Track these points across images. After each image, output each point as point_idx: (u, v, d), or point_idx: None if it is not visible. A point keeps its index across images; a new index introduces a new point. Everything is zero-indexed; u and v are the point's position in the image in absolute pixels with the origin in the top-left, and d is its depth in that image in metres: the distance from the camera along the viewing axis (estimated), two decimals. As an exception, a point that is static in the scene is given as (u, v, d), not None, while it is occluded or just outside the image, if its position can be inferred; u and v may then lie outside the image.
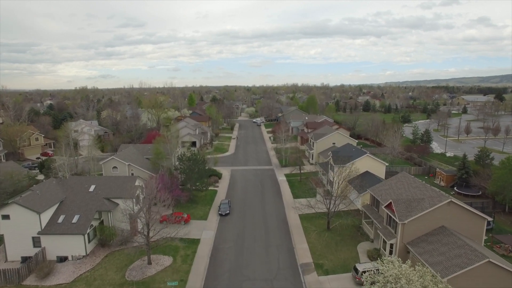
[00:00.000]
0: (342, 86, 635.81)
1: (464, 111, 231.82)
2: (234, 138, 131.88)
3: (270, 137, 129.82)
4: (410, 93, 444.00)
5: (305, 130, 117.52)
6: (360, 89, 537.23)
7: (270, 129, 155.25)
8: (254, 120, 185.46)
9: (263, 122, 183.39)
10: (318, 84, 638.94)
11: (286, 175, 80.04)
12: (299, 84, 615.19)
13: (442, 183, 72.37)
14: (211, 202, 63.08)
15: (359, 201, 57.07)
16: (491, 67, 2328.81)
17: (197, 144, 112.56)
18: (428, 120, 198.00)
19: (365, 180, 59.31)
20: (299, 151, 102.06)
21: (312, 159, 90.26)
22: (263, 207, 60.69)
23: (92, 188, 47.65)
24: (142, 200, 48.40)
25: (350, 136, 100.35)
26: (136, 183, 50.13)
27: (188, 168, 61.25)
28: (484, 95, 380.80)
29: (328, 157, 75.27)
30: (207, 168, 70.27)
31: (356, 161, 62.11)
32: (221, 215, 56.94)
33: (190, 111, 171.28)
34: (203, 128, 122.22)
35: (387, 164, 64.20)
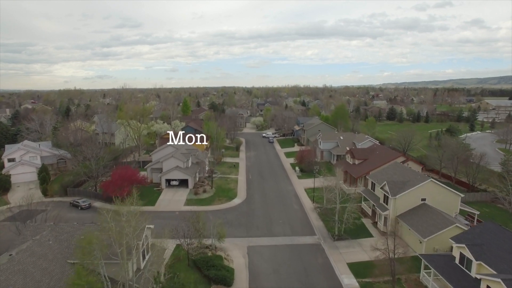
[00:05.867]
0: (347, 87, 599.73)
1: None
2: (242, 167, 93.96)
3: (295, 168, 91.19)
4: (422, 96, 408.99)
5: (350, 160, 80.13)
6: (367, 91, 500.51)
7: (287, 149, 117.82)
8: (264, 135, 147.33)
9: (275, 136, 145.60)
10: (320, 85, 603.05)
11: (354, 272, 42.24)
12: (301, 85, 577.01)
13: None
14: None
15: None
16: (487, 69, 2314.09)
17: (190, 183, 74.76)
18: (478, 132, 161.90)
19: None
20: (344, 194, 64.17)
21: (386, 225, 52.79)
22: None
23: None
24: None
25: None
26: None
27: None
28: (510, 98, 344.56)
29: (454, 248, 38.17)
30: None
31: None
32: None
33: (183, 124, 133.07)
34: (198, 156, 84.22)
35: None
